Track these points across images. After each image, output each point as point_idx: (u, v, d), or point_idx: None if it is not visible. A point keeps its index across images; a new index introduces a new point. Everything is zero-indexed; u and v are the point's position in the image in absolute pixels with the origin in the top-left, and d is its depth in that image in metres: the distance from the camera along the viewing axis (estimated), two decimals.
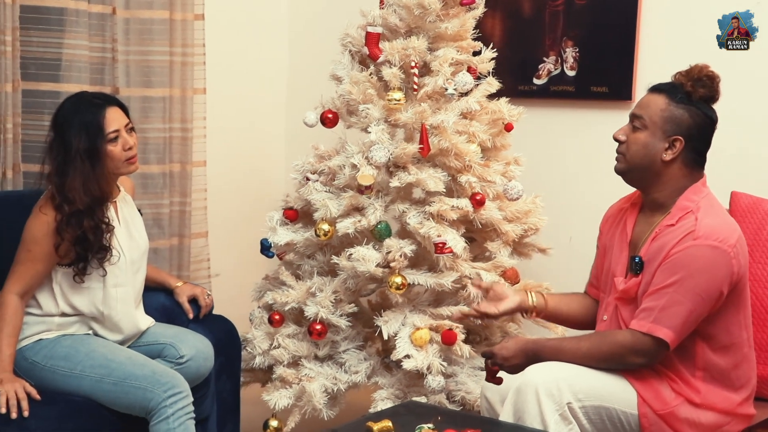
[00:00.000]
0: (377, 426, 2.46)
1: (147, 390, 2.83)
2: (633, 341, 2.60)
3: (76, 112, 2.92)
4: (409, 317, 3.30)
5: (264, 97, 4.60)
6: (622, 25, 3.76)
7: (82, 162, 2.88)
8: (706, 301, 2.57)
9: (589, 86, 3.86)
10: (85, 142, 2.88)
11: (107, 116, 2.92)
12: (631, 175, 2.73)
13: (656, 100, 2.68)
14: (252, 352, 3.49)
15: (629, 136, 2.71)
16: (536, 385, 2.55)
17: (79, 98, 2.98)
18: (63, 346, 2.93)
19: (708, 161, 2.74)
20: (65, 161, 2.89)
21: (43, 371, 2.90)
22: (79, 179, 2.88)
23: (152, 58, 3.82)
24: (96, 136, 2.90)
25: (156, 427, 2.84)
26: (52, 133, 2.94)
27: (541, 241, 3.59)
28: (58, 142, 2.91)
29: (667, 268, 2.59)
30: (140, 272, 3.12)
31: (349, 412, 3.43)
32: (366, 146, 3.31)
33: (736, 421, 2.70)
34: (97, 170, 2.91)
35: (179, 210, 3.96)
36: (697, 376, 2.65)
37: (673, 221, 2.64)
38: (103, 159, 2.92)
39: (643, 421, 2.61)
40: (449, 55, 3.36)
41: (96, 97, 2.98)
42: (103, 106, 2.94)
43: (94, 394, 2.87)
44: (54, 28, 3.53)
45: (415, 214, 3.30)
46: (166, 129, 3.89)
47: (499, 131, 3.51)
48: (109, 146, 2.92)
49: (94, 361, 2.89)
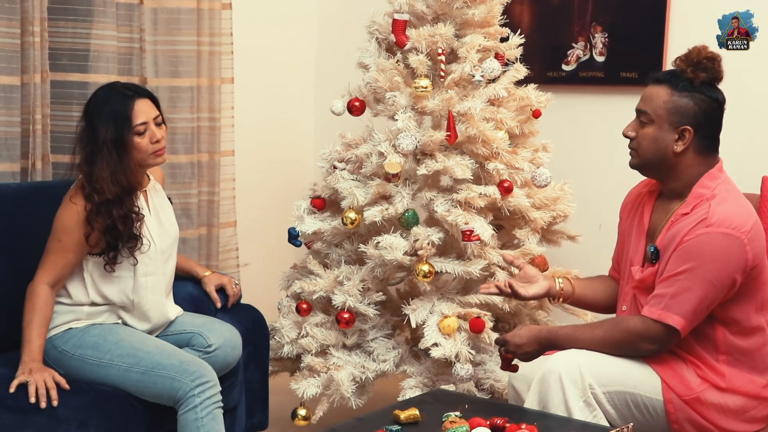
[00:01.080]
0: (404, 414, 2.46)
1: (175, 379, 2.84)
2: (644, 328, 2.60)
3: (106, 102, 2.92)
4: (437, 305, 3.29)
5: (292, 86, 4.59)
6: (651, 10, 3.72)
7: (109, 152, 2.88)
8: (718, 288, 2.55)
9: (618, 72, 3.82)
10: (112, 133, 2.88)
11: (136, 108, 2.92)
12: (646, 169, 2.73)
13: (658, 92, 2.65)
14: (280, 341, 3.50)
15: (638, 131, 2.69)
16: (559, 373, 2.55)
17: (110, 88, 2.98)
18: (92, 335, 2.94)
19: (738, 146, 2.71)
20: (93, 151, 2.90)
21: (72, 360, 2.91)
22: (106, 169, 2.88)
23: (180, 48, 3.83)
24: (123, 127, 2.90)
25: (184, 417, 2.84)
26: (82, 123, 2.95)
27: (570, 228, 3.56)
28: (88, 132, 2.92)
29: (679, 256, 2.58)
30: (170, 261, 3.13)
31: (377, 401, 3.43)
32: (393, 134, 3.30)
33: (763, 404, 2.68)
34: (124, 161, 2.91)
35: (207, 200, 3.97)
36: (720, 360, 2.64)
37: (688, 209, 2.62)
38: (130, 150, 2.92)
39: (668, 407, 2.59)
40: (476, 41, 3.34)
41: (127, 88, 2.98)
42: (133, 98, 2.93)
43: (122, 383, 2.88)
44: (82, 19, 3.54)
45: (443, 202, 3.29)
46: (194, 119, 3.90)
47: (527, 118, 3.48)
48: (136, 138, 2.92)
49: (122, 350, 2.90)
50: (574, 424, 2.42)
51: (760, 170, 3.16)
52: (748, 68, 3.48)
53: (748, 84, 3.47)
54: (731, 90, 3.47)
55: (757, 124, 3.52)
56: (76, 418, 2.74)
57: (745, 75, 3.47)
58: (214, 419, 2.86)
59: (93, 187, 2.88)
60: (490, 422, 2.37)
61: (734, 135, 3.47)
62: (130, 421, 2.89)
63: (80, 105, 3.52)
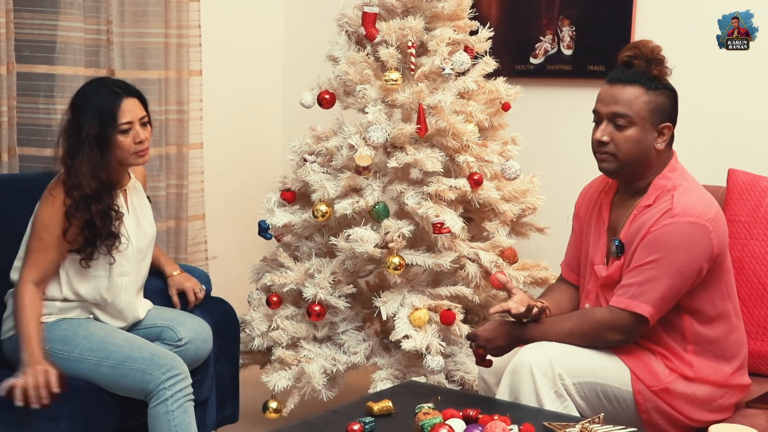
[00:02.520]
0: (377, 406, 2.47)
1: (146, 372, 2.83)
2: (611, 318, 2.61)
3: (93, 97, 2.89)
4: (407, 298, 3.31)
5: (260, 79, 4.58)
6: (618, 4, 3.75)
7: (91, 148, 2.85)
8: (686, 276, 2.57)
9: (585, 65, 3.85)
10: (96, 128, 2.86)
11: (123, 106, 2.89)
12: (623, 171, 2.67)
13: (634, 92, 2.60)
14: (251, 334, 3.49)
15: (614, 135, 2.62)
16: (530, 365, 2.56)
17: (99, 84, 2.96)
18: (61, 329, 2.92)
19: (705, 139, 2.74)
20: (76, 144, 2.87)
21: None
22: (87, 164, 2.85)
23: (147, 40, 3.80)
24: (108, 124, 2.87)
25: (155, 410, 2.83)
26: (68, 115, 2.92)
27: (539, 220, 3.59)
28: (72, 125, 2.89)
29: (645, 247, 2.59)
30: (146, 261, 3.11)
31: (348, 393, 3.44)
32: (363, 127, 3.30)
33: (730, 392, 2.71)
34: (106, 158, 2.88)
35: (176, 192, 3.95)
36: (689, 350, 2.66)
37: (651, 201, 2.64)
38: (112, 148, 2.89)
39: (637, 398, 2.62)
40: (446, 34, 3.35)
41: (116, 85, 2.95)
42: (121, 96, 2.91)
43: (92, 377, 2.86)
44: (48, 10, 3.50)
45: (413, 195, 3.30)
46: (162, 111, 3.87)
47: (497, 111, 3.50)
48: (120, 137, 2.89)
49: (92, 344, 2.88)
50: (546, 414, 2.44)
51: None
52: (748, 68, 3.50)
53: (748, 84, 3.50)
54: (731, 90, 3.53)
55: (758, 124, 3.53)
56: (46, 412, 2.71)
57: (745, 75, 3.50)
58: (185, 412, 2.86)
59: (72, 181, 2.86)
60: (462, 413, 2.38)
61: (735, 135, 3.53)
62: (100, 415, 2.87)
63: (47, 97, 3.52)
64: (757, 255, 3.04)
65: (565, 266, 2.95)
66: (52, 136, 3.50)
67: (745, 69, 3.51)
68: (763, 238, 3.05)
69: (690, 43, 3.58)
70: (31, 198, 3.19)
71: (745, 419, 2.65)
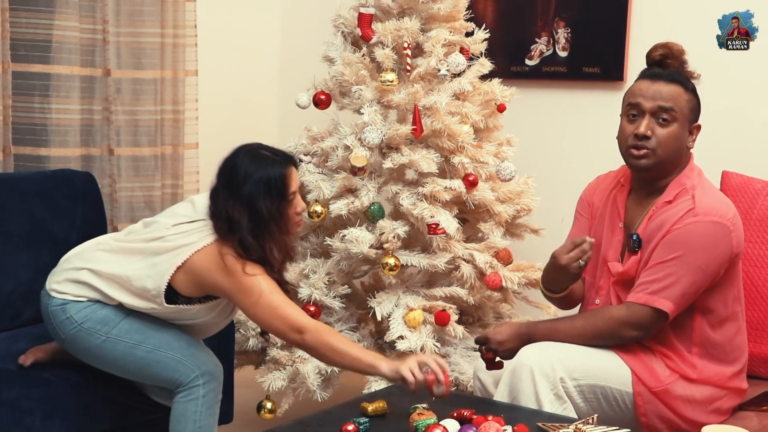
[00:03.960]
0: (372, 407, 2.47)
1: (181, 362, 2.75)
2: (629, 314, 2.60)
3: (257, 169, 2.69)
4: (402, 298, 3.31)
5: (256, 79, 4.58)
6: (613, 6, 3.76)
7: (276, 225, 2.71)
8: (707, 275, 2.58)
9: (581, 67, 3.86)
10: (270, 204, 2.68)
11: (289, 175, 2.72)
12: (659, 168, 2.66)
13: (677, 90, 2.64)
14: (245, 334, 3.49)
15: (656, 130, 2.62)
16: (531, 366, 2.55)
17: (254, 153, 2.74)
18: (103, 311, 2.77)
19: (700, 141, 2.75)
20: (257, 225, 2.68)
21: (79, 331, 2.75)
22: (275, 245, 2.71)
23: (143, 40, 3.81)
24: (281, 197, 2.70)
25: (183, 405, 2.75)
26: (223, 191, 2.72)
27: (534, 221, 3.59)
28: (243, 203, 2.68)
29: (667, 244, 2.59)
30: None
31: (342, 394, 3.44)
32: (359, 127, 3.31)
33: (729, 395, 2.71)
34: (284, 233, 2.75)
35: (171, 192, 3.95)
36: (693, 352, 2.66)
37: (670, 198, 2.64)
38: (286, 222, 2.74)
39: (637, 399, 2.62)
40: (442, 35, 3.36)
41: (276, 154, 2.75)
42: (283, 165, 2.72)
43: (125, 361, 2.75)
44: (44, 9, 3.51)
45: (408, 196, 3.30)
46: (158, 111, 3.88)
47: (492, 112, 3.50)
48: (288, 209, 2.74)
49: (131, 326, 2.76)
50: (542, 416, 2.45)
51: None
52: (748, 68, 3.51)
53: (748, 84, 3.51)
54: (731, 90, 3.54)
55: (757, 125, 3.54)
56: (41, 409, 2.72)
57: (745, 75, 3.51)
58: (213, 415, 2.81)
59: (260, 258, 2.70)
60: (456, 414, 2.39)
61: (731, 136, 3.54)
62: (94, 413, 2.87)
63: (42, 96, 3.52)
64: (751, 257, 3.05)
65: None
66: (47, 136, 3.52)
67: (745, 69, 3.51)
68: (757, 241, 3.06)
69: (690, 43, 3.57)
70: (25, 196, 3.20)
71: (738, 421, 2.66)
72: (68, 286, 2.79)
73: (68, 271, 2.82)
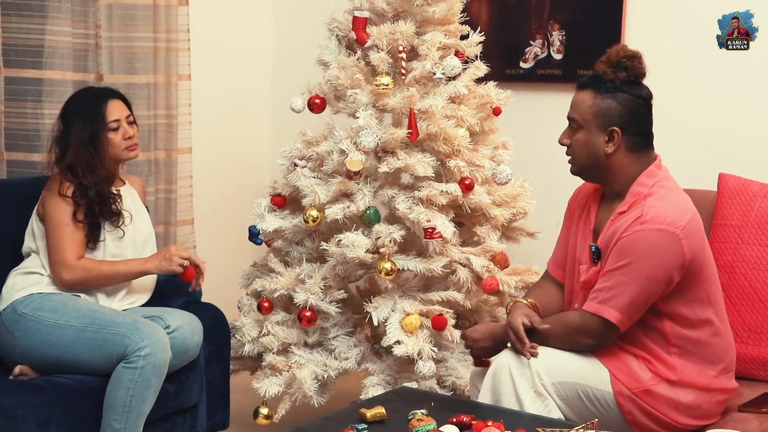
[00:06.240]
0: (370, 412, 2.46)
1: (125, 336, 2.88)
2: (581, 322, 2.64)
3: (81, 103, 3.15)
4: (398, 303, 3.30)
5: (250, 83, 4.56)
6: (608, 8, 3.75)
7: (84, 148, 3.09)
8: (654, 283, 2.58)
9: (575, 69, 3.85)
10: (88, 130, 3.10)
11: (109, 107, 3.14)
12: (584, 174, 2.77)
13: (583, 97, 2.71)
14: (241, 339, 3.48)
15: (572, 138, 2.73)
16: (509, 366, 2.59)
17: (84, 91, 3.24)
18: (52, 300, 3.00)
19: (696, 143, 2.74)
20: (69, 147, 3.09)
21: (29, 322, 2.94)
22: (82, 162, 3.08)
23: (136, 44, 3.78)
24: (98, 124, 3.12)
25: (120, 372, 2.86)
26: (59, 124, 3.15)
27: (530, 225, 3.58)
28: (65, 132, 3.12)
29: (616, 252, 2.61)
30: (144, 254, 3.22)
31: (339, 399, 3.43)
32: (354, 131, 3.29)
33: (716, 396, 2.70)
34: (99, 155, 3.11)
35: (165, 197, 3.93)
36: (672, 352, 2.66)
37: (626, 207, 2.66)
38: (105, 146, 3.13)
39: (619, 399, 2.63)
40: (437, 39, 3.35)
41: (101, 91, 3.23)
42: (106, 98, 3.16)
43: (76, 344, 2.90)
44: (36, 14, 3.48)
45: (404, 200, 3.29)
46: (151, 116, 3.85)
47: (487, 115, 3.50)
48: (110, 134, 3.13)
49: (79, 311, 2.96)
50: (541, 421, 2.44)
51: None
52: (748, 68, 3.51)
53: (748, 84, 3.50)
54: (731, 90, 3.53)
55: (758, 126, 3.53)
56: (35, 417, 2.71)
57: (745, 75, 3.50)
58: (149, 388, 2.87)
59: (69, 178, 3.07)
60: (456, 420, 2.37)
61: (729, 137, 3.53)
62: (89, 419, 2.86)
63: (35, 101, 3.51)
64: (748, 259, 3.05)
65: (553, 263, 2.95)
66: (40, 141, 3.49)
67: (745, 69, 3.51)
68: (754, 243, 3.06)
69: (690, 43, 3.58)
70: (18, 202, 3.18)
71: (737, 423, 2.65)
72: (18, 282, 3.04)
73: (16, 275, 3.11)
